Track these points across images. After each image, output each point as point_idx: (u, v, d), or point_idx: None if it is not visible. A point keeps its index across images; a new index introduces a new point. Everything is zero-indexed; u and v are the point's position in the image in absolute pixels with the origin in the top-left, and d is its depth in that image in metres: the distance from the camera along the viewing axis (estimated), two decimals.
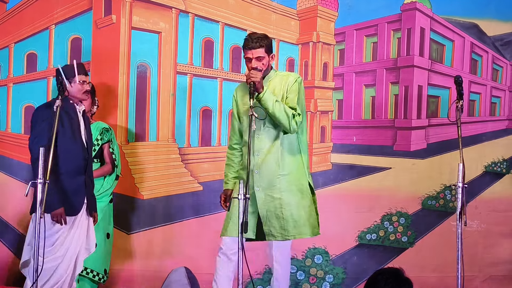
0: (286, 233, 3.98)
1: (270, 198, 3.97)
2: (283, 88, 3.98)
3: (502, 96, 5.47)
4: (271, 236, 3.99)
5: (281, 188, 3.97)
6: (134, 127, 5.21)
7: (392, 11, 5.31)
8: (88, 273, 4.56)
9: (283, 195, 3.97)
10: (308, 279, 5.23)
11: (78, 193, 4.01)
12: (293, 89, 3.99)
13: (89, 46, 5.22)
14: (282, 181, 3.98)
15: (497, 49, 5.42)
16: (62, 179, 3.93)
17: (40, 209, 3.92)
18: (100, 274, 4.62)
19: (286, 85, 3.99)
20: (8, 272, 5.14)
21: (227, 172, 4.19)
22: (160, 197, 5.20)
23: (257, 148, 3.94)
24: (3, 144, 5.32)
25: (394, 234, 5.29)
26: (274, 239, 4.01)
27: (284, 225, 3.97)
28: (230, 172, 4.17)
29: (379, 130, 5.31)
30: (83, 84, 4.04)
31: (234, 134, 4.17)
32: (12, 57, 5.34)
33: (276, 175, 3.97)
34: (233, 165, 4.17)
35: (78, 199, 4.02)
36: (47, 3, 5.27)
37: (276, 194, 3.97)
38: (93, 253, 4.53)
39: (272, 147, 3.97)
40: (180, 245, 5.12)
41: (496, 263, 5.26)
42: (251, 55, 3.88)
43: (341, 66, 5.35)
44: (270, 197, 3.96)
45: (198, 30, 5.26)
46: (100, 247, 4.59)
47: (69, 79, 4.01)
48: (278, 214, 3.96)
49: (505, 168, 5.34)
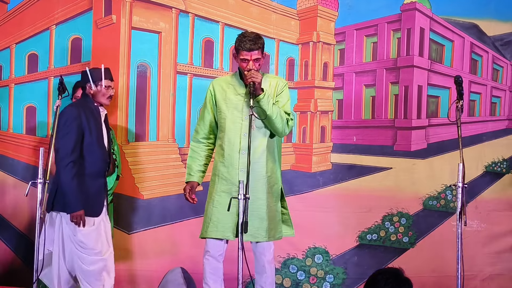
0: (265, 234, 3.95)
1: (254, 198, 3.89)
2: (272, 91, 3.99)
3: (502, 96, 5.47)
4: (250, 237, 3.89)
5: (264, 189, 3.98)
6: (134, 127, 5.22)
7: (392, 11, 5.31)
8: None
9: (265, 196, 3.97)
10: (309, 279, 5.23)
11: (100, 195, 4.05)
12: (286, 94, 4.02)
13: (89, 46, 5.23)
14: (265, 182, 3.98)
15: (497, 49, 5.42)
16: (85, 181, 3.96)
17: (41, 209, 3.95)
18: None
19: (276, 89, 4.00)
20: (10, 273, 5.16)
21: (192, 164, 4.11)
22: (160, 197, 5.21)
23: (244, 147, 3.89)
24: (5, 144, 5.33)
25: (395, 234, 5.29)
26: (253, 240, 3.96)
27: (264, 225, 3.95)
28: (195, 165, 4.10)
29: (379, 130, 5.31)
30: (108, 89, 4.07)
31: (204, 127, 4.11)
32: (13, 58, 5.36)
33: (261, 175, 3.97)
34: (198, 158, 4.11)
35: (99, 200, 4.05)
36: (47, 4, 5.28)
37: (260, 195, 3.96)
38: None
39: (258, 148, 3.96)
40: (180, 245, 5.13)
41: (495, 263, 5.26)
42: (249, 57, 3.86)
43: (341, 66, 5.35)
44: (254, 197, 3.90)
45: (198, 30, 5.27)
46: None
47: (95, 82, 4.04)
48: (261, 215, 3.95)
49: (505, 168, 5.34)
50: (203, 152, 4.13)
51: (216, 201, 3.96)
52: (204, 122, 4.12)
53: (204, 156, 4.13)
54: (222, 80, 4.14)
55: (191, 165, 4.13)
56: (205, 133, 4.13)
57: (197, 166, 4.11)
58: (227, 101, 4.01)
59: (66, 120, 3.95)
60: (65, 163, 3.86)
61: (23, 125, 5.33)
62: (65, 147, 3.86)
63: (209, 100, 4.10)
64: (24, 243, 5.16)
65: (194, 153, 4.14)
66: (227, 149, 3.98)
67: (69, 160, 3.88)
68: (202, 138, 4.14)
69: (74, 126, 3.92)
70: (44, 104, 5.28)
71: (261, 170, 3.97)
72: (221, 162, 4.00)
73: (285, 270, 5.21)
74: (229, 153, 3.96)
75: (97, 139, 4.01)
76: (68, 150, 3.87)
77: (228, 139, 3.98)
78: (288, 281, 5.22)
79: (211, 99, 4.09)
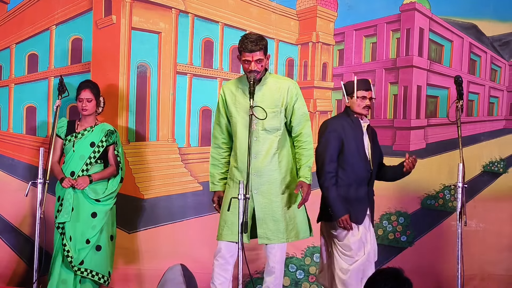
0: (282, 235, 3.97)
1: (267, 201, 3.95)
2: (282, 94, 3.96)
3: (500, 96, 5.48)
4: (265, 239, 3.96)
5: (278, 191, 3.98)
6: (134, 127, 5.23)
7: (391, 12, 5.31)
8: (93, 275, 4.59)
9: (279, 198, 3.98)
10: (308, 278, 5.25)
11: (361, 202, 4.12)
12: (301, 100, 4.04)
13: (89, 46, 5.23)
14: (279, 184, 3.98)
15: (495, 49, 5.43)
16: (347, 190, 4.07)
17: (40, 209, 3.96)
18: (105, 277, 4.65)
19: (287, 93, 3.97)
20: (11, 272, 5.17)
21: (214, 173, 4.12)
22: (160, 196, 5.22)
23: (255, 151, 3.90)
24: (5, 144, 5.34)
25: (393, 233, 5.31)
26: (269, 242, 3.98)
27: (281, 227, 3.96)
28: (217, 172, 4.11)
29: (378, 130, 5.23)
30: (363, 100, 4.12)
31: (222, 132, 4.10)
32: (13, 58, 5.36)
33: (274, 178, 3.97)
34: (219, 165, 4.11)
35: (361, 207, 4.11)
36: (47, 4, 5.29)
37: (275, 197, 3.97)
38: (98, 256, 4.59)
39: (270, 150, 3.96)
40: (180, 244, 5.14)
41: (495, 262, 5.27)
42: (251, 58, 3.85)
43: (341, 66, 5.36)
44: (268, 200, 3.95)
45: (198, 30, 5.27)
46: (104, 249, 4.63)
47: (350, 94, 4.13)
48: (276, 217, 3.96)
49: (503, 168, 5.35)
50: (223, 158, 4.11)
51: (231, 205, 3.86)
52: (221, 127, 4.10)
53: (224, 162, 4.11)
54: (232, 83, 4.12)
55: (213, 173, 4.12)
56: (223, 137, 4.11)
57: (219, 174, 4.11)
58: (237, 105, 4.00)
59: (323, 131, 4.12)
60: (326, 172, 4.02)
61: (23, 125, 5.33)
62: (324, 156, 4.03)
63: (222, 104, 4.08)
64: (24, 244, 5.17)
65: (215, 160, 4.13)
66: (239, 153, 3.97)
67: (328, 170, 4.03)
68: (222, 143, 4.11)
69: (330, 136, 4.06)
70: (44, 104, 5.29)
71: (274, 173, 3.98)
72: (235, 167, 4.01)
73: (284, 269, 5.22)
74: (240, 158, 3.96)
75: (356, 150, 4.09)
76: (329, 160, 4.03)
77: (240, 143, 3.97)
78: (288, 280, 5.23)
79: (223, 103, 4.07)
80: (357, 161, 4.09)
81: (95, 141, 4.65)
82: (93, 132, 4.67)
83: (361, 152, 4.11)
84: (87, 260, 4.55)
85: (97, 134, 4.66)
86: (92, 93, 4.61)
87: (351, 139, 4.08)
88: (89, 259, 4.56)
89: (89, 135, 4.65)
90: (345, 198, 4.04)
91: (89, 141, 4.64)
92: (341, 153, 4.06)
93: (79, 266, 4.52)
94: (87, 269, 4.55)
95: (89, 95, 4.60)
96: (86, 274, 4.55)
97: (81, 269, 4.52)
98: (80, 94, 4.61)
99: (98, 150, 4.64)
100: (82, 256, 4.52)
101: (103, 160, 4.69)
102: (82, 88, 4.61)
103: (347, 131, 4.08)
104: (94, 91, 4.63)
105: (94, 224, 4.56)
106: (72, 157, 4.62)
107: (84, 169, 4.60)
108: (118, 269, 5.01)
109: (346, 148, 4.06)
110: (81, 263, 4.52)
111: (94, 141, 4.64)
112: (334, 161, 4.05)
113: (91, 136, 4.65)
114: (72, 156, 4.62)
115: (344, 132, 4.07)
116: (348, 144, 4.07)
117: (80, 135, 4.65)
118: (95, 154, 4.63)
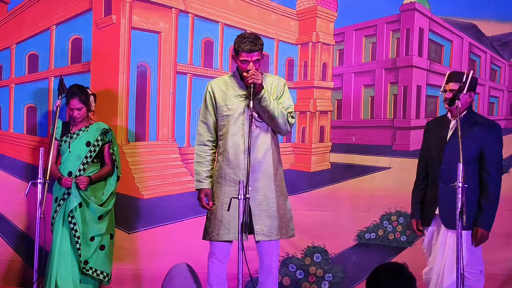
0: (277, 232, 3.99)
1: (263, 197, 3.97)
2: (272, 90, 3.99)
3: (500, 96, 5.48)
4: (262, 236, 3.96)
5: (273, 187, 4.00)
6: (134, 127, 5.23)
7: (391, 12, 5.31)
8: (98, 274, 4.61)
9: (274, 195, 4.00)
10: (308, 278, 5.25)
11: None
12: (287, 93, 4.04)
13: (89, 46, 5.24)
14: (273, 180, 4.01)
15: (495, 49, 5.43)
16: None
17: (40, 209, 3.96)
18: (108, 275, 4.68)
19: (276, 89, 4.01)
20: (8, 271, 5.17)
21: (200, 170, 4.06)
22: (160, 196, 5.23)
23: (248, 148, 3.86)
24: (6, 144, 5.34)
25: (393, 233, 5.31)
26: (265, 239, 3.99)
27: (275, 224, 3.98)
28: (203, 170, 4.06)
29: (378, 130, 5.32)
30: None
31: (208, 130, 4.07)
32: (13, 58, 5.36)
33: (269, 173, 3.99)
34: (205, 163, 4.07)
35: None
36: (47, 4, 5.29)
37: (269, 193, 3.99)
38: (100, 254, 4.59)
39: (262, 146, 3.98)
40: (180, 244, 5.14)
41: (495, 262, 5.25)
42: (249, 58, 3.85)
43: (340, 66, 5.36)
44: (263, 196, 3.97)
45: (198, 30, 5.27)
46: (107, 248, 4.65)
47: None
48: (271, 213, 3.98)
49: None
50: (208, 156, 4.08)
51: (225, 204, 3.86)
52: (208, 124, 4.08)
53: (210, 160, 4.09)
54: (220, 80, 4.11)
55: (199, 171, 4.08)
56: (209, 135, 4.08)
57: (205, 172, 4.07)
58: (228, 103, 4.00)
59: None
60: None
61: (24, 125, 5.34)
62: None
63: (210, 102, 4.06)
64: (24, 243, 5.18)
65: (200, 158, 4.09)
66: (232, 150, 3.96)
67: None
68: (207, 140, 4.09)
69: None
70: (44, 104, 5.29)
71: (268, 168, 3.99)
72: (226, 164, 3.99)
73: (284, 269, 5.23)
74: (234, 155, 3.96)
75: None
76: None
77: (232, 141, 3.96)
78: (288, 280, 5.24)
79: (211, 101, 4.06)
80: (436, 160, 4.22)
81: (91, 140, 4.65)
82: (88, 131, 4.67)
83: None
84: (93, 260, 4.58)
85: (92, 133, 4.66)
86: (80, 102, 4.58)
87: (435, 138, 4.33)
88: (95, 259, 4.59)
89: (84, 135, 4.66)
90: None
91: (85, 140, 4.65)
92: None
93: (84, 265, 4.55)
94: (91, 267, 4.59)
95: (78, 105, 4.58)
96: (91, 273, 4.59)
97: (86, 268, 4.56)
98: (69, 103, 4.59)
99: (94, 150, 4.64)
100: (89, 253, 4.56)
101: (99, 160, 4.71)
102: (70, 98, 4.57)
103: (430, 131, 4.39)
104: (83, 97, 4.59)
105: (100, 226, 4.61)
106: (69, 158, 4.63)
107: (81, 168, 4.60)
108: (119, 269, 5.01)
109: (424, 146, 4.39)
110: (85, 262, 4.55)
111: (89, 140, 4.65)
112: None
113: (87, 135, 4.66)
114: (68, 157, 4.63)
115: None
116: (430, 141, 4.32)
117: (75, 135, 4.66)
118: (92, 154, 4.64)
